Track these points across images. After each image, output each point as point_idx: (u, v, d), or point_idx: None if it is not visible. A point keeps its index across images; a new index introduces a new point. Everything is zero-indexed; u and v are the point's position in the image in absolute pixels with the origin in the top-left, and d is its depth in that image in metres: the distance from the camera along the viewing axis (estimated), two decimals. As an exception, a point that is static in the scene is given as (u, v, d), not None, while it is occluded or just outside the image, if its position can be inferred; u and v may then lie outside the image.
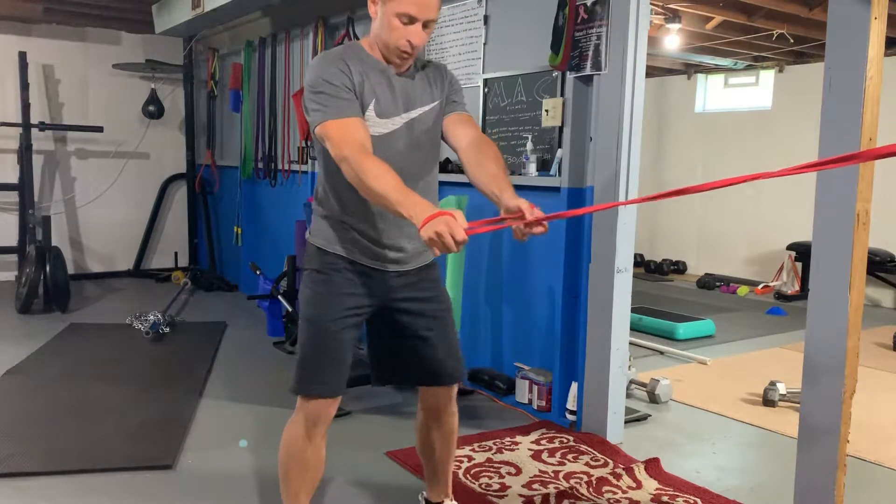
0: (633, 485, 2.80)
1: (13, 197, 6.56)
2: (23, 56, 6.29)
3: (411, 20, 1.92)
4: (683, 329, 5.23)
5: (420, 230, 1.64)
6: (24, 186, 6.32)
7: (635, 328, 4.62)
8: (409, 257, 2.12)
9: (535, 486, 2.78)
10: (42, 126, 6.43)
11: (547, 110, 3.50)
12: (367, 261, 2.08)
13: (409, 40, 1.94)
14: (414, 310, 2.15)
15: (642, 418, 3.57)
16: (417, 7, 1.91)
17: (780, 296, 7.10)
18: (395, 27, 1.93)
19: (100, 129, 6.69)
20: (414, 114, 2.04)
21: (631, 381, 3.87)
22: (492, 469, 2.92)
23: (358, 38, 4.72)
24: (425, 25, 1.95)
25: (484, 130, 3.99)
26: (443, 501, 2.42)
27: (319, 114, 1.91)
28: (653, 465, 2.94)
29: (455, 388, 2.28)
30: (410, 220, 1.68)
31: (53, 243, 5.85)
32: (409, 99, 2.03)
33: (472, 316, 4.02)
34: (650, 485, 2.81)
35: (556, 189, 3.42)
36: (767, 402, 3.82)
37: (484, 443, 3.18)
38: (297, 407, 2.10)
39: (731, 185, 1.49)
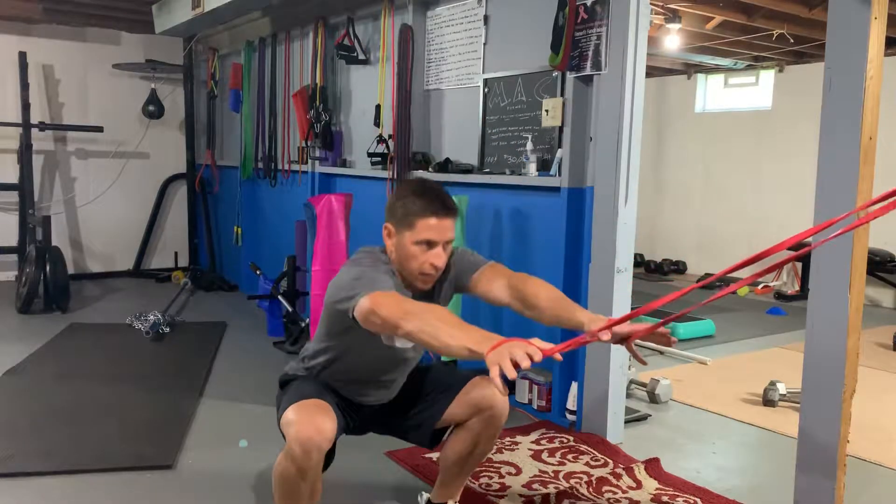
0: (633, 485, 2.80)
1: (13, 197, 6.55)
2: (23, 56, 6.29)
3: (430, 244, 1.99)
4: (683, 329, 5.22)
5: (486, 357, 1.59)
6: (24, 186, 6.32)
7: (635, 328, 4.61)
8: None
9: (535, 485, 2.78)
10: (42, 126, 6.44)
11: (547, 110, 3.49)
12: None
13: (431, 263, 2.01)
14: (401, 395, 2.30)
15: (642, 418, 3.57)
16: (436, 232, 1.99)
17: (780, 296, 7.10)
18: (416, 254, 2.00)
19: (100, 129, 6.70)
20: None
21: (631, 381, 3.87)
22: (492, 469, 2.91)
23: (358, 39, 4.80)
24: (444, 246, 2.02)
25: (484, 130, 3.99)
26: (447, 503, 2.42)
27: (365, 289, 1.85)
28: (653, 465, 2.94)
29: (489, 384, 2.19)
30: (475, 355, 1.64)
31: (53, 243, 5.84)
32: None
33: (472, 316, 4.01)
34: (650, 485, 2.81)
35: (556, 189, 3.42)
36: (767, 402, 3.82)
37: (484, 443, 3.18)
38: (287, 441, 1.97)
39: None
